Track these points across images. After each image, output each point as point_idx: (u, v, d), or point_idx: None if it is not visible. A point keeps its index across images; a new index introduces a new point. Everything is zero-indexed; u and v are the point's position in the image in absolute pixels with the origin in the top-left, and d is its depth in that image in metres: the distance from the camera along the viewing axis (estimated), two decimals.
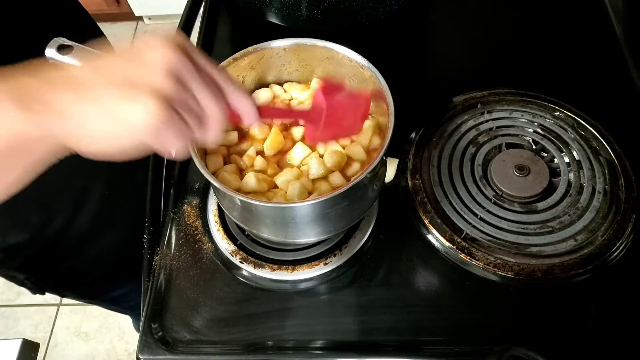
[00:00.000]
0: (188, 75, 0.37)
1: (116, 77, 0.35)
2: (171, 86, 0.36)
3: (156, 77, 0.36)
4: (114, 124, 0.35)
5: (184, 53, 0.37)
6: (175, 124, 0.36)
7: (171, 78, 0.36)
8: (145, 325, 0.62)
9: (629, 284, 0.63)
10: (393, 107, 0.55)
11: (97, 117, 0.35)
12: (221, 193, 0.59)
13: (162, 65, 0.36)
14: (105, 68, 0.37)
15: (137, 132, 0.35)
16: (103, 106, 0.34)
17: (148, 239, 0.68)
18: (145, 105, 0.34)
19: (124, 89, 0.35)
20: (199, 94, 0.38)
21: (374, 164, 0.52)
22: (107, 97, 0.35)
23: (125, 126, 0.35)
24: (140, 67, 0.36)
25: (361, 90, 0.59)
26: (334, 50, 0.60)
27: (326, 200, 0.51)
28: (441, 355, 0.61)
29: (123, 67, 0.36)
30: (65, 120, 0.35)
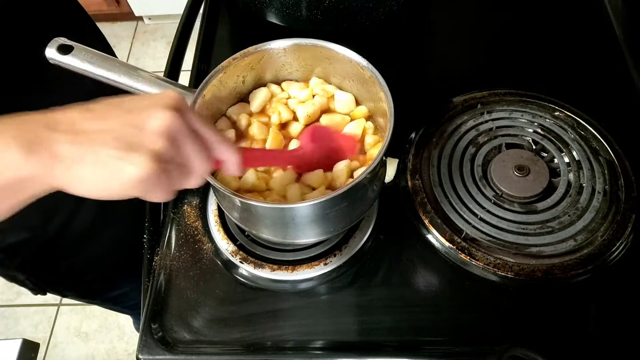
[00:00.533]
0: (182, 136, 0.40)
1: (117, 134, 0.38)
2: (166, 148, 0.39)
3: (154, 140, 0.38)
4: (108, 176, 0.37)
5: (180, 115, 0.40)
6: (162, 180, 0.39)
7: (167, 141, 0.39)
8: (145, 325, 0.62)
9: (629, 284, 0.63)
10: (392, 108, 0.55)
11: (95, 168, 0.37)
12: (221, 193, 0.59)
13: (160, 129, 0.38)
14: (108, 121, 0.39)
15: (127, 184, 0.38)
16: (102, 160, 0.37)
17: (148, 239, 0.68)
18: (139, 166, 0.37)
19: (123, 147, 0.37)
20: (188, 152, 0.41)
21: (374, 164, 0.52)
22: (107, 153, 0.37)
23: (118, 179, 0.38)
24: (140, 127, 0.38)
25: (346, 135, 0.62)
26: (334, 50, 0.60)
27: (326, 200, 0.51)
28: (441, 355, 0.61)
29: (124, 124, 0.38)
30: (65, 167, 0.37)
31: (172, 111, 0.40)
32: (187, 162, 0.42)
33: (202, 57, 0.86)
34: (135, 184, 0.38)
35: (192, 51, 0.86)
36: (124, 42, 2.30)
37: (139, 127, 0.38)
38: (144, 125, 0.39)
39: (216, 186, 0.51)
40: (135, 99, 0.41)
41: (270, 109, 0.64)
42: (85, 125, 0.38)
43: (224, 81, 0.61)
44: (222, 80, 0.61)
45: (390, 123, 0.54)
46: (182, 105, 0.41)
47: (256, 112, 0.65)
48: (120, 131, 0.38)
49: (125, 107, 0.40)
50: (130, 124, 0.39)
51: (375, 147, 0.62)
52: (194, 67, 0.85)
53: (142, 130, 0.38)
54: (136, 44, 2.31)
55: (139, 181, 0.38)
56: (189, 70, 0.84)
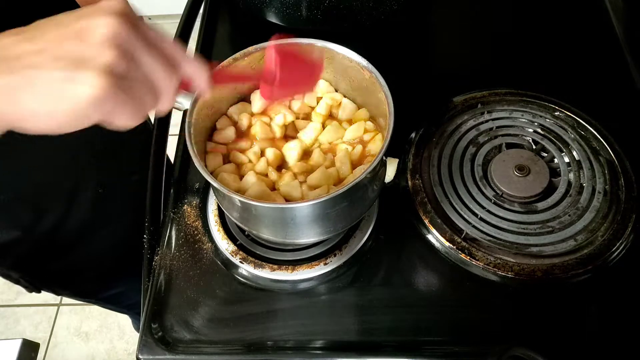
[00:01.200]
0: (134, 45, 0.35)
1: (56, 51, 0.32)
2: (117, 59, 0.33)
3: (99, 50, 0.33)
4: (56, 102, 0.32)
5: (129, 22, 0.35)
6: (123, 98, 0.34)
7: (116, 49, 0.33)
8: (145, 325, 0.62)
9: (629, 284, 0.63)
10: (392, 108, 0.55)
11: (38, 96, 0.32)
12: (221, 193, 0.59)
13: (105, 36, 0.33)
14: (41, 40, 0.33)
15: (82, 108, 0.33)
16: (45, 85, 0.32)
17: (148, 239, 0.68)
18: (90, 83, 0.32)
19: (66, 66, 0.32)
20: (146, 64, 0.36)
21: (374, 164, 0.52)
22: (50, 75, 0.32)
23: (69, 104, 0.32)
24: (81, 39, 0.33)
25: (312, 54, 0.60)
26: (334, 50, 0.60)
27: (326, 200, 0.51)
28: (441, 355, 0.61)
29: (61, 39, 0.33)
30: (8, 104, 0.32)
31: (118, 18, 0.34)
32: (149, 77, 0.36)
33: (202, 57, 0.86)
34: (92, 106, 0.33)
35: (192, 51, 0.86)
36: None
37: (80, 40, 0.33)
38: (86, 36, 0.33)
39: (216, 186, 0.51)
40: (73, 11, 0.35)
41: (271, 110, 0.64)
42: (17, 49, 0.33)
43: None
44: None
45: (390, 123, 0.54)
46: (128, 11, 0.35)
47: (257, 112, 0.65)
48: (60, 48, 0.33)
49: (60, 22, 0.34)
50: (69, 37, 0.33)
51: (373, 142, 0.62)
52: None
53: (85, 42, 0.33)
54: None
55: (95, 102, 0.32)
56: None
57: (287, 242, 0.64)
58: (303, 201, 0.53)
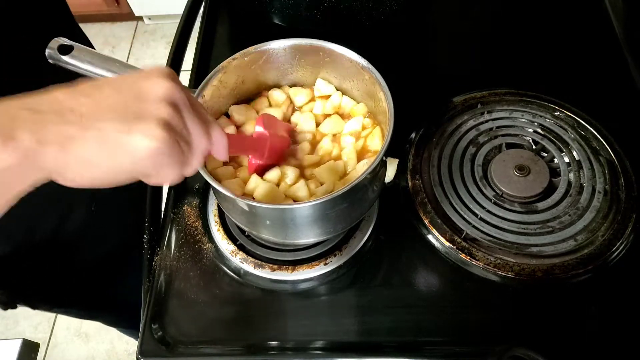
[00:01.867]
0: (184, 106, 0.37)
1: (116, 107, 0.34)
2: (172, 115, 0.35)
3: (156, 105, 0.35)
4: (115, 153, 0.33)
5: (179, 84, 0.37)
6: (175, 151, 0.36)
7: (172, 107, 0.36)
8: (145, 325, 0.62)
9: (629, 284, 0.63)
10: (392, 108, 0.55)
11: (97, 146, 0.32)
12: (221, 194, 0.59)
13: (160, 93, 0.35)
14: (101, 97, 0.34)
15: (139, 160, 0.34)
16: (104, 135, 0.32)
17: (148, 239, 0.68)
18: (150, 135, 0.33)
19: (126, 118, 0.33)
20: (191, 124, 0.38)
21: (374, 165, 0.52)
22: (109, 126, 0.33)
23: (128, 155, 0.33)
24: (138, 96, 0.35)
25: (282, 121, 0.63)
26: (335, 50, 0.60)
27: (326, 201, 0.51)
28: (441, 355, 0.61)
29: (120, 96, 0.35)
30: (56, 150, 0.32)
31: (170, 80, 0.37)
32: (191, 135, 0.38)
33: (202, 57, 0.86)
34: (148, 158, 0.33)
35: (192, 51, 0.86)
36: (124, 42, 2.30)
37: (139, 97, 0.35)
38: (145, 94, 0.35)
39: (216, 187, 0.51)
40: (122, 76, 0.38)
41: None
42: (78, 102, 0.33)
43: (224, 81, 0.61)
44: (222, 80, 0.61)
45: (391, 123, 0.54)
46: (175, 76, 0.38)
47: None
48: (119, 103, 0.34)
49: (116, 83, 0.36)
50: (128, 95, 0.35)
51: (371, 137, 0.62)
52: (194, 67, 0.85)
53: (143, 99, 0.35)
54: (136, 44, 2.31)
55: (152, 154, 0.33)
56: (189, 70, 0.84)
57: (288, 242, 0.64)
58: (303, 202, 0.53)
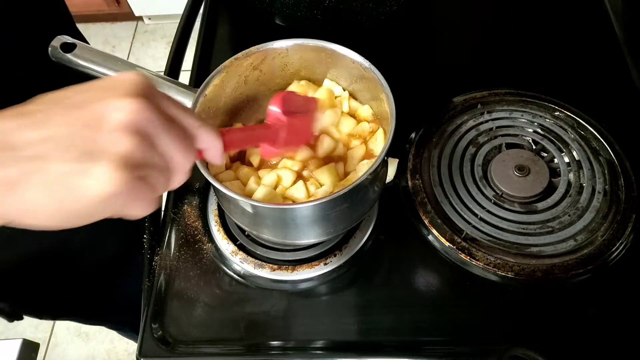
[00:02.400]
0: (154, 130, 0.31)
1: (63, 142, 0.28)
2: (136, 149, 0.30)
3: (118, 140, 0.29)
4: (65, 199, 0.28)
5: (149, 102, 0.31)
6: (139, 190, 0.30)
7: (134, 136, 0.30)
8: (145, 325, 0.62)
9: (629, 284, 0.63)
10: (394, 109, 0.55)
11: (45, 191, 0.28)
12: (221, 194, 0.59)
13: (122, 123, 0.29)
14: (47, 126, 0.29)
15: (93, 206, 0.29)
16: (53, 179, 0.28)
17: (148, 239, 0.68)
18: (104, 178, 0.28)
19: (77, 157, 0.28)
20: (165, 147, 0.32)
21: (375, 165, 0.52)
22: (58, 168, 0.28)
23: (79, 201, 0.29)
24: (92, 124, 0.29)
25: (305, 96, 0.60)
26: (337, 51, 0.60)
27: (327, 201, 0.51)
28: (441, 355, 0.61)
29: (71, 126, 0.29)
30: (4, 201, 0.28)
31: (137, 98, 0.30)
32: (166, 159, 0.33)
33: (202, 57, 0.86)
34: (104, 203, 0.29)
35: (192, 51, 0.86)
36: (124, 42, 2.30)
37: (93, 127, 0.29)
38: (101, 124, 0.29)
39: (217, 187, 0.51)
40: (82, 88, 0.31)
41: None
42: (23, 136, 0.29)
43: (225, 81, 0.61)
44: (224, 80, 0.61)
45: (392, 124, 0.54)
46: (148, 89, 0.31)
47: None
48: (69, 137, 0.29)
49: (71, 103, 0.30)
50: (80, 125, 0.29)
51: (373, 140, 0.62)
52: (194, 67, 0.85)
53: (99, 130, 0.29)
54: (136, 44, 2.31)
55: (108, 199, 0.29)
56: (189, 70, 0.84)
57: (288, 242, 0.64)
58: (304, 202, 0.53)
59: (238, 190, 0.58)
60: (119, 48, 2.27)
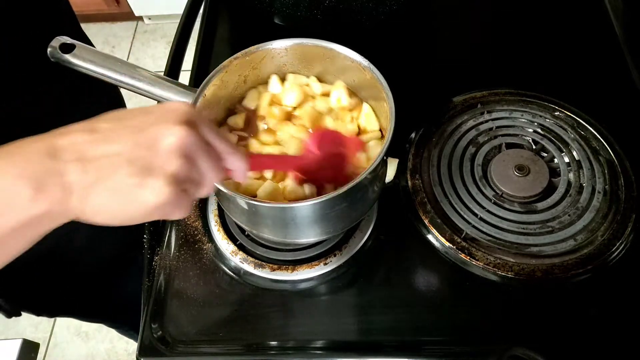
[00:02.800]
0: (196, 152, 0.39)
1: (128, 156, 0.36)
2: (182, 168, 0.37)
3: (169, 161, 0.37)
4: (125, 204, 0.36)
5: (193, 129, 0.38)
6: (182, 198, 0.38)
7: (181, 158, 0.37)
8: (145, 325, 0.62)
9: (629, 284, 0.63)
10: (394, 108, 0.55)
11: (110, 196, 0.36)
12: (221, 193, 0.59)
13: (174, 146, 0.37)
14: (116, 143, 0.37)
15: (147, 211, 0.37)
16: (117, 187, 0.36)
17: (148, 239, 0.68)
18: (157, 191, 0.36)
19: (137, 172, 0.36)
20: (202, 166, 0.40)
21: (375, 164, 0.52)
22: (122, 180, 0.36)
23: (136, 207, 0.36)
24: (151, 145, 0.37)
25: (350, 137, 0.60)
26: (336, 50, 0.60)
27: (326, 200, 0.51)
28: (441, 355, 0.61)
29: (135, 145, 0.37)
30: (78, 198, 0.35)
31: (185, 126, 0.37)
32: (202, 177, 0.40)
33: (202, 57, 0.86)
34: (155, 210, 0.37)
35: (192, 51, 0.86)
36: (124, 42, 2.30)
37: (151, 148, 0.37)
38: (157, 145, 0.37)
39: (217, 186, 0.51)
40: (143, 112, 0.39)
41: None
42: (93, 151, 0.36)
43: (225, 80, 0.61)
44: (224, 80, 0.61)
45: (392, 123, 0.54)
46: (194, 118, 0.39)
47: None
48: (132, 153, 0.36)
49: (133, 125, 0.38)
50: (141, 144, 0.37)
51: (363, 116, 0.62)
52: (194, 67, 0.85)
53: (156, 151, 0.37)
54: (136, 44, 2.31)
55: (159, 206, 0.36)
56: (189, 70, 0.84)
57: (288, 241, 0.64)
58: (303, 201, 0.53)
59: (235, 188, 0.58)
60: (119, 48, 2.27)
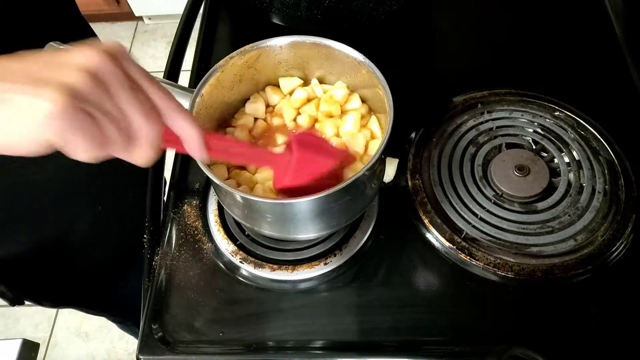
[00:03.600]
0: (112, 79, 0.34)
1: (24, 71, 0.33)
2: (84, 82, 0.33)
3: (69, 73, 0.33)
4: (15, 114, 0.32)
5: (115, 59, 0.34)
6: (85, 125, 0.33)
7: (85, 75, 0.33)
8: (145, 325, 0.62)
9: (629, 284, 0.63)
10: (391, 101, 0.55)
11: (3, 112, 0.32)
12: (222, 190, 0.59)
13: (79, 63, 0.33)
14: (14, 62, 0.33)
15: (38, 123, 0.32)
16: (9, 101, 0.32)
17: (148, 239, 0.68)
18: (47, 96, 0.31)
19: (32, 82, 0.32)
20: (125, 104, 0.35)
21: (372, 162, 0.52)
22: (13, 88, 0.32)
23: (27, 117, 0.32)
24: (54, 64, 0.33)
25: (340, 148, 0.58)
26: (331, 47, 0.60)
27: (322, 197, 0.50)
28: (441, 355, 0.61)
29: (36, 63, 0.33)
30: None
31: (104, 53, 0.34)
32: (123, 115, 0.35)
33: (202, 57, 0.86)
34: (48, 122, 0.32)
35: (192, 51, 0.86)
36: (124, 42, 2.29)
37: (56, 64, 0.33)
38: (63, 62, 0.33)
39: (215, 181, 0.51)
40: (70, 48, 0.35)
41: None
42: (3, 68, 0.33)
43: (222, 80, 0.61)
44: (220, 79, 0.61)
45: (390, 116, 0.54)
46: (120, 51, 0.35)
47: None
48: (36, 68, 0.33)
49: (42, 54, 0.34)
50: (50, 62, 0.33)
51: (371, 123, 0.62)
52: (194, 67, 0.85)
53: (59, 66, 0.33)
54: (136, 43, 2.31)
55: (52, 118, 0.31)
56: (189, 70, 0.84)
57: (289, 238, 0.64)
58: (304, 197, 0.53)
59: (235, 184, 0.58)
60: None
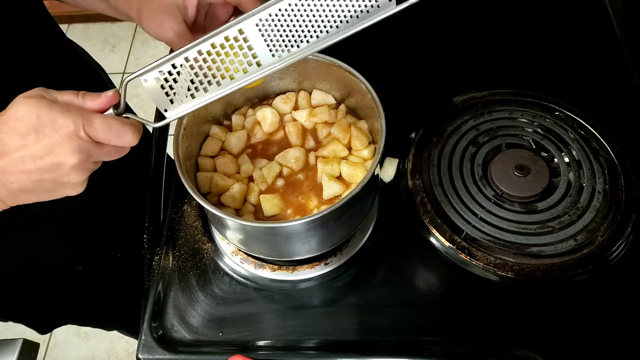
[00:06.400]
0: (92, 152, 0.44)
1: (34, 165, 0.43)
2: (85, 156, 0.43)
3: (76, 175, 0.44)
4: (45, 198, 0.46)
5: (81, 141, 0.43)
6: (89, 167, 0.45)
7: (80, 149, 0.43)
8: (145, 325, 0.62)
9: (629, 284, 0.63)
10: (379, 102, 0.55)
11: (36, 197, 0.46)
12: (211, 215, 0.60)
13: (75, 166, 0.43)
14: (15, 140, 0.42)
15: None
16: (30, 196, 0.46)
17: (148, 239, 0.68)
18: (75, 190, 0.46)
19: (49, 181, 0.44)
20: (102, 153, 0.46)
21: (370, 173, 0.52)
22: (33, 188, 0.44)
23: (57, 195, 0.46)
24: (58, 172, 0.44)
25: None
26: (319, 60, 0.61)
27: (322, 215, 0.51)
28: (441, 355, 0.61)
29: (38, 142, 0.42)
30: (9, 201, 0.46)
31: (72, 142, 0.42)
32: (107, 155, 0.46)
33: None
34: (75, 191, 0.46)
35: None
36: (124, 42, 2.30)
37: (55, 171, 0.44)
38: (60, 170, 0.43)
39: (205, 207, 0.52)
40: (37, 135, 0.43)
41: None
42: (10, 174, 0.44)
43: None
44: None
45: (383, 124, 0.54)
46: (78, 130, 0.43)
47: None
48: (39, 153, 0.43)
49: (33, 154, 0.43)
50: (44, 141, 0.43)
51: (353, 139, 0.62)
52: None
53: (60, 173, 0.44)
54: (136, 44, 2.31)
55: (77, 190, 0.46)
56: None
57: (279, 259, 0.64)
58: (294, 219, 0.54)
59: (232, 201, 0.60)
60: (119, 48, 2.27)
